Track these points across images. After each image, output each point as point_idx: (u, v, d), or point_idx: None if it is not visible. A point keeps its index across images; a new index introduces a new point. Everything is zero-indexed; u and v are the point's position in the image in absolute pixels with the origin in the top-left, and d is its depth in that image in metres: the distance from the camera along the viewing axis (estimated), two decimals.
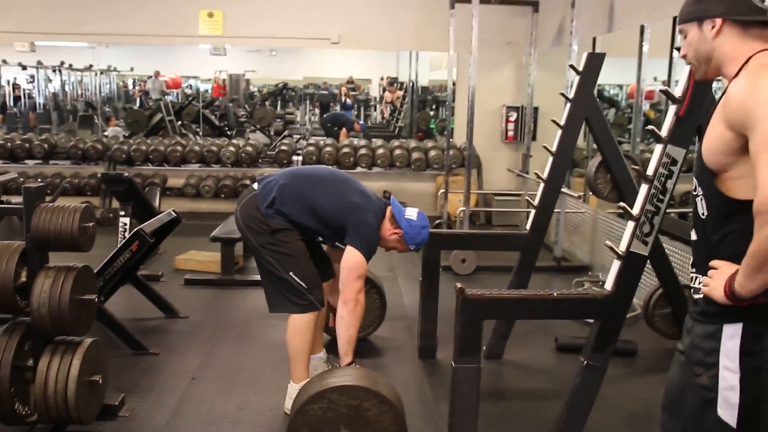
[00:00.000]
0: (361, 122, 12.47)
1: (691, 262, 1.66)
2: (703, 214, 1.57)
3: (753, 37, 1.49)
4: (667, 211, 2.36)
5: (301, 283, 2.78)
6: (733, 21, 1.49)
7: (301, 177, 2.94)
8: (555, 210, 4.99)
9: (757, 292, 1.41)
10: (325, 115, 13.00)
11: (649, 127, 2.30)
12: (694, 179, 1.60)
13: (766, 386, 1.46)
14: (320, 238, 2.97)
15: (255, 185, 2.94)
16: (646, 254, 2.32)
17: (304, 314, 2.80)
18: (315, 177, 2.95)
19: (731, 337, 1.48)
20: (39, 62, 12.17)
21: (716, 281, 1.48)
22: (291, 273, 2.77)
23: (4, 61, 12.40)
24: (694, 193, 1.60)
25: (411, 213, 2.94)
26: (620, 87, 11.49)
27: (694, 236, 1.63)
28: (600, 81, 3.57)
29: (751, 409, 1.47)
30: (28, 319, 2.49)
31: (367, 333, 3.74)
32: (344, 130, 11.08)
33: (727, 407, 1.49)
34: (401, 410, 2.29)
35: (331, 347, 3.16)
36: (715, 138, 1.49)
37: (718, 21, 1.50)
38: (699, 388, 1.55)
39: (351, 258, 2.77)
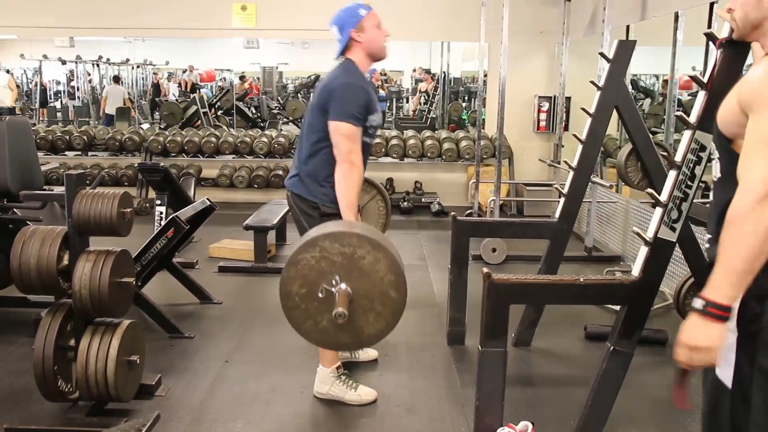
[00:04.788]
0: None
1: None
2: (716, 176, 1.58)
3: None
4: (700, 200, 2.36)
5: None
6: None
7: (301, 144, 2.91)
8: (586, 200, 4.99)
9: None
10: None
11: (678, 113, 2.29)
12: (712, 142, 1.63)
13: (762, 347, 1.43)
14: None
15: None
16: (674, 240, 2.32)
17: None
18: (303, 130, 2.91)
19: None
20: (78, 57, 12.45)
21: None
22: None
23: (45, 57, 12.71)
24: (712, 156, 1.62)
25: (334, 31, 2.81)
26: (656, 77, 11.31)
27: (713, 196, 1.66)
28: (635, 70, 3.56)
29: (746, 369, 1.46)
30: (70, 300, 2.60)
31: None
32: None
33: (725, 366, 1.48)
34: (398, 259, 2.16)
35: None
36: (728, 108, 1.52)
37: None
38: None
39: (330, 128, 2.69)
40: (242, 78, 14.27)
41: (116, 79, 12.33)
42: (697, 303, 1.47)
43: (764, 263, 1.42)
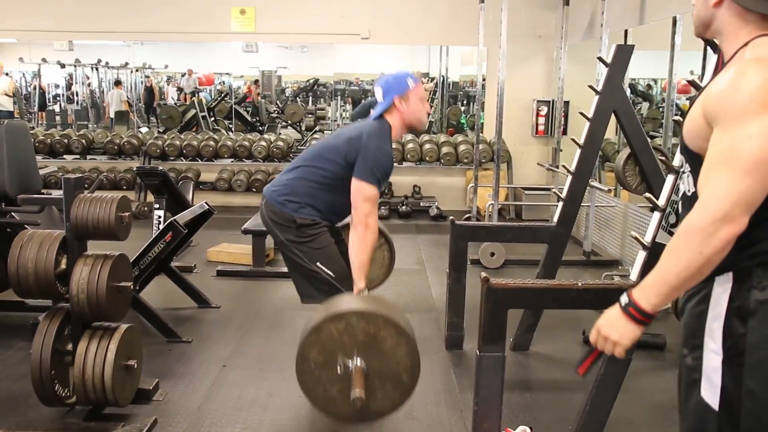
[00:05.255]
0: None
1: None
2: (689, 191, 1.51)
3: (752, 20, 1.40)
4: None
5: (330, 273, 2.79)
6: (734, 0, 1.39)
7: (297, 162, 2.92)
8: (585, 204, 4.99)
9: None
10: (354, 111, 13.03)
11: (676, 117, 2.29)
12: (681, 156, 1.55)
13: (749, 369, 1.37)
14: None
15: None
16: None
17: None
18: (306, 155, 2.92)
19: (716, 318, 1.41)
20: (77, 60, 12.46)
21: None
22: (318, 263, 2.80)
23: (44, 60, 12.71)
24: (682, 170, 1.56)
25: (378, 92, 2.85)
26: (655, 81, 11.33)
27: (681, 213, 1.57)
28: (634, 75, 3.57)
29: (733, 392, 1.39)
30: (68, 305, 2.59)
31: (372, 287, 3.45)
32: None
33: (710, 388, 1.42)
34: (416, 347, 2.20)
35: None
36: (692, 120, 1.44)
37: None
38: (684, 369, 1.51)
39: (355, 186, 2.70)
40: (256, 82, 14.25)
41: (117, 83, 12.39)
42: (623, 297, 1.46)
43: (745, 281, 1.38)
